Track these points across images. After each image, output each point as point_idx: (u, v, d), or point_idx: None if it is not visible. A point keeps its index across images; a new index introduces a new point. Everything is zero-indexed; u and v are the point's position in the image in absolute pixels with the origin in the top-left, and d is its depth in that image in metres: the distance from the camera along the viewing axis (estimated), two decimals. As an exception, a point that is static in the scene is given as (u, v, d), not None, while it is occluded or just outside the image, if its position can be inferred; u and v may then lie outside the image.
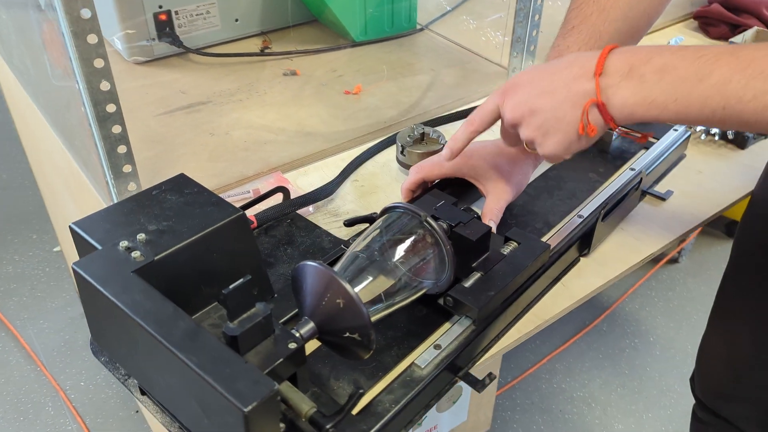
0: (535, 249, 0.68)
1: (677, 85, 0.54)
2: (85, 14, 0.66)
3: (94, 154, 0.77)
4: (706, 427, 1.06)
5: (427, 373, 0.60)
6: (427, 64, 1.16)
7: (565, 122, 0.60)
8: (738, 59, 0.51)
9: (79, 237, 0.62)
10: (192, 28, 1.16)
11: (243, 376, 0.47)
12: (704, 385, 1.02)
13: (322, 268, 0.56)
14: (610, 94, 0.58)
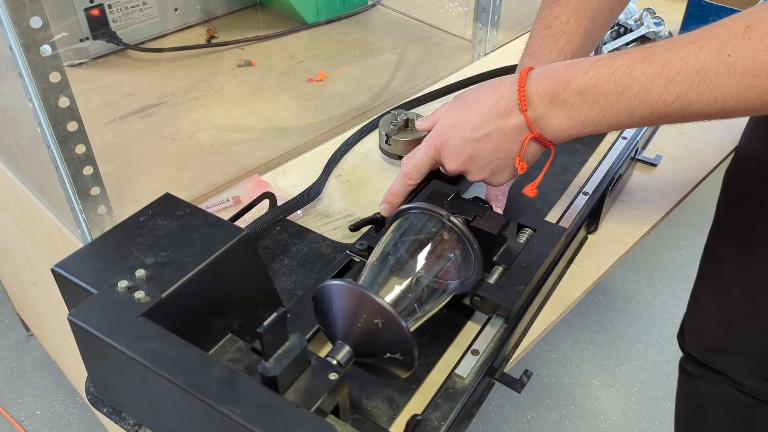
0: (553, 234, 0.66)
1: (601, 102, 0.55)
2: (35, 23, 0.57)
3: (55, 179, 0.69)
4: (696, 380, 1.09)
5: (470, 382, 0.56)
6: (388, 42, 1.11)
7: (509, 158, 0.62)
8: (651, 65, 0.52)
9: (65, 281, 0.54)
10: (128, 22, 1.06)
11: (298, 424, 0.42)
12: (696, 340, 1.04)
13: (353, 287, 0.51)
14: (542, 125, 0.59)
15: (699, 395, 1.10)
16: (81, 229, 0.72)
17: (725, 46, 0.48)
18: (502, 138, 0.60)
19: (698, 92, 0.50)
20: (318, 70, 1.02)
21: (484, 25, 1.05)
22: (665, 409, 1.57)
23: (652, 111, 0.53)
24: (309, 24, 1.14)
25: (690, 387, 1.12)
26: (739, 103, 0.49)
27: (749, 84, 0.48)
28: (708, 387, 1.06)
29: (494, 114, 0.59)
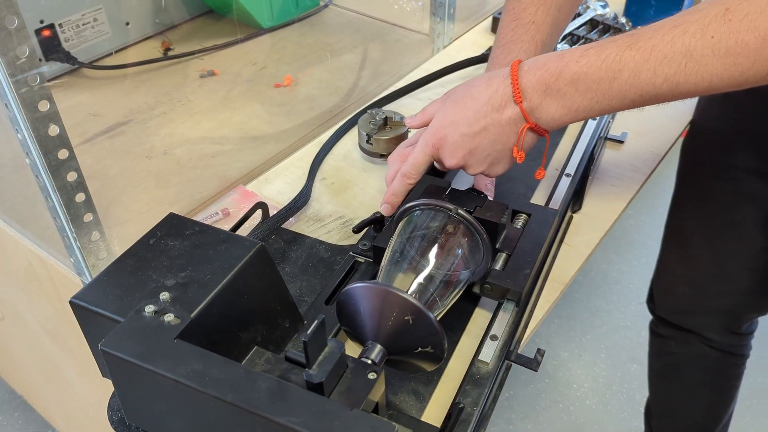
0: (547, 217, 0.69)
1: (594, 89, 0.58)
2: (22, 52, 0.56)
3: (41, 209, 0.67)
4: (667, 341, 1.15)
5: (493, 366, 0.59)
6: (347, 42, 1.11)
7: (506, 150, 0.64)
8: (639, 51, 0.55)
9: (86, 312, 0.53)
10: (81, 40, 1.03)
11: (358, 425, 0.43)
12: (665, 304, 1.10)
13: (382, 287, 0.52)
14: (537, 115, 0.61)
15: (671, 354, 1.16)
16: (74, 257, 0.70)
17: (708, 29, 0.51)
18: (500, 130, 0.62)
19: (686, 73, 0.53)
20: (283, 75, 1.02)
21: (441, 19, 1.08)
22: (632, 372, 1.65)
23: (642, 94, 0.56)
24: (265, 29, 1.13)
25: (662, 348, 1.19)
26: (724, 81, 0.53)
27: (733, 62, 0.51)
28: (679, 346, 1.13)
29: (490, 108, 0.62)
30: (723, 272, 0.97)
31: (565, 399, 1.60)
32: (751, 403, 1.55)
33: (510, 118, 0.62)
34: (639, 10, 1.14)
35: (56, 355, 1.04)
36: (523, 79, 0.60)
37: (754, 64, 0.51)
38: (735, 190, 0.86)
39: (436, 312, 0.56)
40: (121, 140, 0.91)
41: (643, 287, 1.84)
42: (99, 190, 0.83)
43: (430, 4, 1.08)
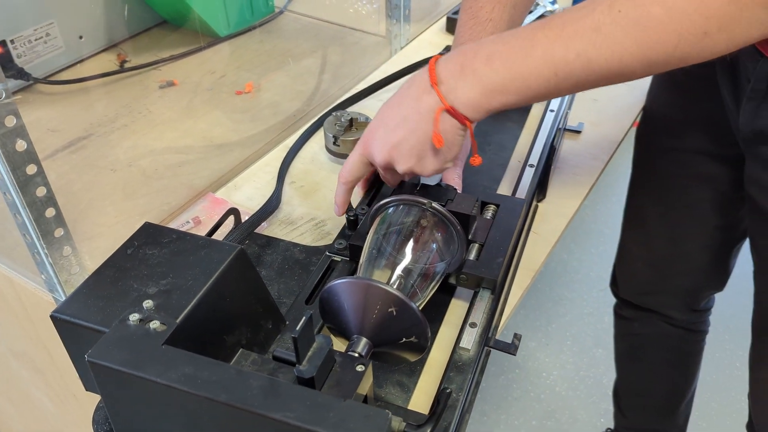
0: (515, 206, 0.71)
1: (508, 65, 0.58)
2: (-14, 67, 0.55)
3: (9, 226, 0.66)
4: (630, 322, 1.19)
5: (474, 353, 0.60)
6: (305, 47, 1.12)
7: (428, 139, 0.62)
8: (551, 29, 0.56)
9: (68, 325, 0.53)
10: (34, 55, 1.01)
11: (351, 416, 0.45)
12: (628, 286, 1.14)
13: (364, 281, 0.54)
14: (453, 97, 0.60)
15: (635, 335, 1.21)
16: (46, 273, 0.69)
17: (615, 3, 0.53)
18: (419, 118, 0.61)
19: (596, 48, 0.54)
20: (244, 83, 1.02)
21: (397, 21, 1.10)
22: (598, 356, 1.70)
23: (557, 71, 0.56)
24: (222, 37, 1.13)
25: (626, 330, 1.23)
26: (635, 57, 0.53)
27: (641, 36, 0.52)
28: (642, 326, 1.17)
29: (409, 99, 0.62)
30: (680, 252, 1.01)
31: (535, 388, 1.64)
32: (711, 379, 1.62)
33: (428, 105, 0.61)
34: (586, 6, 1.17)
35: (25, 380, 1.01)
36: (440, 66, 0.60)
37: (662, 38, 0.52)
38: (688, 172, 0.90)
39: (416, 303, 0.58)
40: (83, 154, 0.90)
41: (602, 274, 1.89)
42: (65, 206, 0.82)
43: (385, 7, 1.10)
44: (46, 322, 0.80)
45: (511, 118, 0.95)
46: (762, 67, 0.70)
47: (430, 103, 0.60)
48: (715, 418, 1.55)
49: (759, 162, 0.75)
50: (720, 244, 0.98)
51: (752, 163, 0.77)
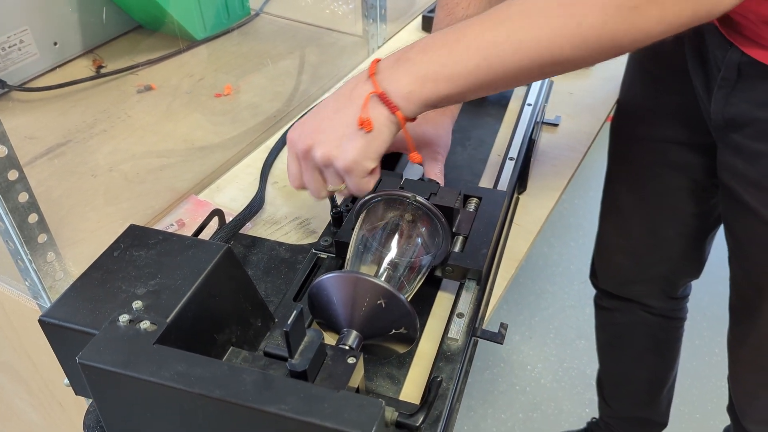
0: (497, 199, 0.72)
1: (439, 53, 0.58)
2: (-35, 72, 0.55)
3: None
4: (611, 312, 1.21)
5: (462, 342, 0.61)
6: (282, 48, 1.13)
7: (353, 122, 0.60)
8: (483, 18, 0.57)
9: (57, 329, 0.53)
10: (8, 62, 1.00)
11: (345, 405, 0.45)
12: (607, 276, 1.16)
13: (353, 275, 0.54)
14: (386, 85, 0.59)
15: (616, 325, 1.23)
16: (30, 280, 0.68)
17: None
18: (348, 103, 0.60)
19: (525, 29, 0.54)
20: (223, 85, 1.02)
21: (373, 21, 1.11)
22: (580, 347, 1.72)
23: (486, 56, 0.56)
24: (199, 41, 1.13)
25: (607, 320, 1.25)
26: (565, 36, 0.53)
27: (567, 12, 0.53)
28: (623, 316, 1.19)
29: (344, 89, 0.62)
30: (657, 240, 1.03)
31: (520, 381, 1.65)
32: (691, 365, 1.65)
33: (360, 92, 0.60)
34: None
35: (8, 391, 1.00)
36: (381, 61, 0.61)
37: (588, 12, 0.52)
38: (663, 161, 0.93)
39: (405, 295, 0.58)
40: (62, 161, 0.89)
41: (582, 267, 1.92)
42: (46, 213, 0.81)
43: (361, 7, 1.11)
44: (30, 330, 0.80)
45: (490, 113, 0.96)
46: (731, 56, 0.72)
47: (364, 90, 0.60)
48: (697, 403, 1.58)
49: (730, 149, 0.78)
50: (696, 231, 1.00)
51: (724, 150, 0.79)
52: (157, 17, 1.12)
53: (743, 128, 0.74)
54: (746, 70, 0.71)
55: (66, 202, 0.83)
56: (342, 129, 0.60)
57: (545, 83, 0.97)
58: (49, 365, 0.84)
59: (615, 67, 0.98)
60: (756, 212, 0.77)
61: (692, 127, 0.86)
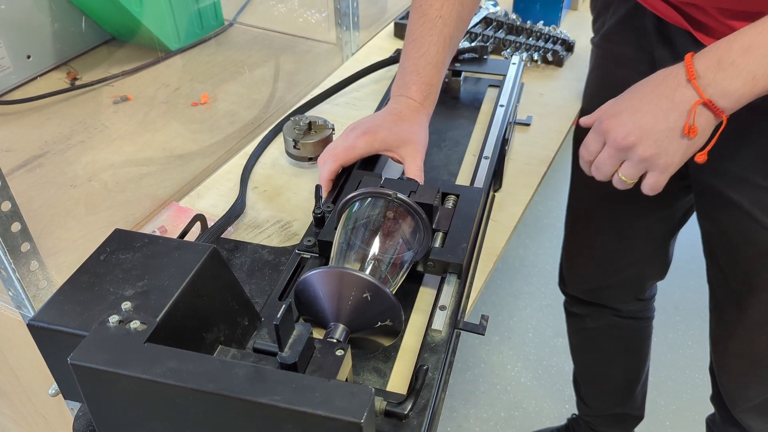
0: (474, 195, 0.74)
1: (765, 51, 0.60)
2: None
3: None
4: (582, 318, 1.24)
5: (446, 333, 0.63)
6: (257, 57, 1.14)
7: (677, 129, 0.63)
8: None
9: (46, 332, 0.53)
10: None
11: (336, 393, 0.46)
12: (576, 284, 1.18)
13: (339, 270, 0.56)
14: (711, 91, 0.61)
15: (587, 330, 1.25)
16: (13, 289, 0.69)
17: None
18: (671, 107, 0.63)
19: None
20: (199, 94, 1.03)
21: (346, 28, 1.13)
22: (558, 345, 1.75)
23: None
24: (173, 51, 1.14)
25: (578, 325, 1.27)
26: None
27: None
28: (593, 320, 1.21)
29: (663, 88, 0.64)
30: (625, 245, 1.05)
31: (501, 380, 1.67)
32: (666, 359, 1.69)
33: (684, 97, 0.62)
34: (526, 7, 1.23)
35: (-11, 406, 0.99)
36: (696, 62, 0.62)
37: None
38: None
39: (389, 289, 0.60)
40: (41, 172, 0.89)
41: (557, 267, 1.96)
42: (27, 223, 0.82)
43: (334, 15, 1.13)
44: (13, 341, 0.80)
45: (463, 114, 0.98)
46: None
47: (687, 95, 0.62)
48: (673, 395, 1.62)
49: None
50: (662, 234, 1.03)
51: None
52: (131, 28, 1.12)
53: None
54: None
55: (46, 212, 0.83)
56: (667, 133, 0.64)
57: (516, 85, 0.99)
58: (31, 377, 0.84)
59: (583, 68, 1.02)
60: (739, 205, 0.79)
61: None
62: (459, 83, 1.03)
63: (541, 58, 1.11)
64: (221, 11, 1.23)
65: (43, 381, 0.81)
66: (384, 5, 1.31)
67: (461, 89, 1.03)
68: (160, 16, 1.10)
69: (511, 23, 1.17)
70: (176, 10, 1.12)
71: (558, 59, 1.10)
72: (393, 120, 0.81)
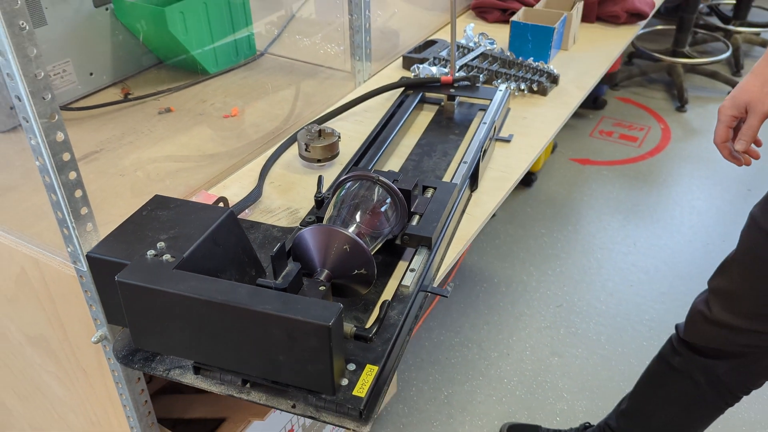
0: (449, 188, 0.90)
1: None
2: (40, 75, 0.73)
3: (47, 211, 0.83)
4: (677, 372, 1.18)
5: (412, 289, 0.78)
6: (282, 81, 1.33)
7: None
8: None
9: (99, 261, 0.70)
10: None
11: (313, 307, 0.61)
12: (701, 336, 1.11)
13: (327, 226, 0.71)
14: None
15: (677, 372, 1.19)
16: (72, 245, 0.85)
17: None
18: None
19: None
20: (230, 108, 1.22)
21: (360, 59, 1.31)
22: (553, 364, 1.86)
23: None
24: (211, 74, 1.33)
25: (668, 373, 1.22)
26: None
27: None
28: (684, 376, 1.18)
29: None
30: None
31: (497, 392, 1.78)
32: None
33: None
34: (519, 45, 1.40)
35: (37, 366, 1.15)
36: None
37: None
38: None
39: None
40: (96, 164, 1.07)
41: (558, 292, 2.08)
42: (83, 201, 0.99)
43: (350, 48, 1.31)
44: (66, 297, 0.96)
45: (454, 132, 1.14)
46: None
47: None
48: None
49: None
50: None
51: None
52: (178, 54, 1.32)
53: None
54: None
55: (99, 194, 1.00)
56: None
57: (501, 107, 1.15)
58: (78, 330, 1.00)
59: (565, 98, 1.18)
60: None
61: None
62: (453, 107, 1.20)
63: (528, 88, 1.27)
64: (254, 43, 1.42)
65: (87, 333, 0.97)
66: (396, 41, 1.49)
67: (455, 112, 1.20)
68: (203, 45, 1.30)
69: (505, 58, 1.34)
70: (216, 40, 1.32)
71: (542, 89, 1.26)
72: None
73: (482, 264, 2.20)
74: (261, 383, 0.68)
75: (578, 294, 2.09)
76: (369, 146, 1.05)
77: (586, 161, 2.72)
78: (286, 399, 0.68)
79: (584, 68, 1.39)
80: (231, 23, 1.34)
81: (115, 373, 0.99)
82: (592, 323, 1.99)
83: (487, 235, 2.31)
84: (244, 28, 1.38)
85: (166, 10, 1.20)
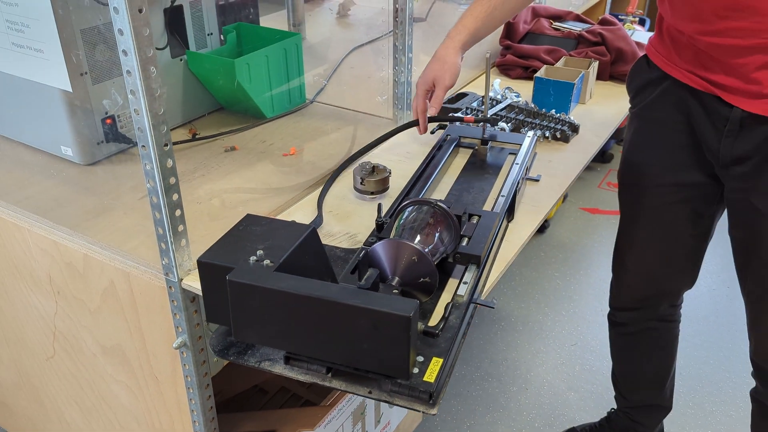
0: (492, 216, 1.03)
1: None
2: (160, 110, 0.88)
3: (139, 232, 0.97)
4: (624, 325, 1.50)
5: (467, 298, 0.90)
6: (332, 126, 1.48)
7: None
8: None
9: (208, 266, 0.83)
10: (131, 126, 1.36)
11: (394, 302, 0.74)
12: (625, 297, 1.45)
13: (397, 240, 0.85)
14: None
15: (628, 334, 1.51)
16: (167, 258, 0.99)
17: None
18: None
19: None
20: (288, 148, 1.37)
21: (400, 108, 1.47)
22: (570, 399, 1.95)
23: None
24: (268, 118, 1.49)
25: (621, 331, 1.53)
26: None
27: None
28: (633, 326, 1.48)
29: None
30: (668, 263, 1.33)
31: (517, 424, 1.87)
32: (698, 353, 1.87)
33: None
34: (542, 98, 1.56)
35: (107, 376, 1.26)
36: None
37: None
38: (669, 201, 1.23)
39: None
40: (174, 193, 1.21)
41: (573, 332, 2.19)
42: (167, 224, 1.13)
43: (392, 98, 1.47)
44: (150, 307, 1.09)
45: (488, 172, 1.29)
46: (734, 113, 1.05)
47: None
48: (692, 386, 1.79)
49: (736, 175, 1.10)
50: (695, 250, 1.31)
51: (731, 178, 1.11)
52: (239, 100, 1.48)
53: (747, 160, 1.07)
54: (747, 122, 1.05)
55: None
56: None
57: (530, 151, 1.30)
58: (157, 338, 1.12)
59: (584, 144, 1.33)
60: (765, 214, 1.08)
61: (689, 172, 1.17)
62: (486, 150, 1.35)
63: (552, 136, 1.42)
64: (305, 92, 1.59)
65: (166, 340, 1.09)
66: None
67: (488, 155, 1.34)
68: (263, 93, 1.46)
69: (530, 109, 1.49)
70: (274, 88, 1.48)
71: (565, 136, 1.42)
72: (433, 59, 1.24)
73: (500, 304, 2.32)
74: (343, 371, 0.80)
75: (592, 333, 2.20)
76: (416, 181, 1.19)
77: (595, 210, 2.87)
78: (363, 386, 0.80)
79: (600, 120, 1.55)
80: (287, 74, 1.51)
81: (188, 378, 1.11)
82: (606, 361, 2.09)
83: (504, 277, 2.43)
84: (296, 78, 1.54)
85: (236, 62, 1.36)
